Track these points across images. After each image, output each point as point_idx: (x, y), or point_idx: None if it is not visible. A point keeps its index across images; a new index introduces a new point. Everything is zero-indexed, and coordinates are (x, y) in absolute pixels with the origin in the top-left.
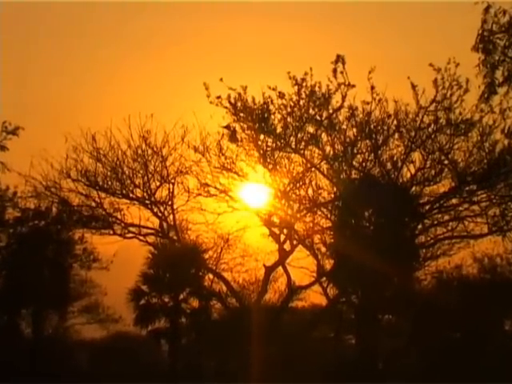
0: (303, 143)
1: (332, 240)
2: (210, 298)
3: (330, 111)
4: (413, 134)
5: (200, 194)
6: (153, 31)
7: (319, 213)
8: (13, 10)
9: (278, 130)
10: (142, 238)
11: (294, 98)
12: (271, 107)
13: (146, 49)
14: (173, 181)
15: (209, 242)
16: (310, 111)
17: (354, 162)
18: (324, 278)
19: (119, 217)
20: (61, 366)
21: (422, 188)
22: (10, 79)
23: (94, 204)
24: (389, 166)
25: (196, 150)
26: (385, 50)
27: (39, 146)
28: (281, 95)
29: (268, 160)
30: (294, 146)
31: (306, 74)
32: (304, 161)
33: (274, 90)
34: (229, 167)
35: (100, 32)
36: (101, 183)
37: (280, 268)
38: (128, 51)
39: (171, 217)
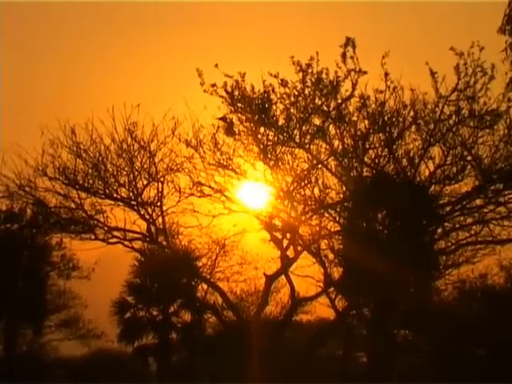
0: (308, 137)
1: (341, 246)
2: (204, 311)
3: (339, 101)
4: (432, 126)
5: (193, 194)
6: (139, 13)
7: (326, 215)
8: None
9: (281, 121)
10: (127, 243)
11: (299, 86)
12: (272, 96)
13: (131, 32)
14: (162, 179)
15: (202, 247)
16: (317, 101)
17: (366, 158)
18: (332, 289)
19: (102, 219)
20: None
21: (442, 187)
22: None
23: (73, 205)
24: (405, 162)
25: (188, 144)
26: (400, 33)
27: (11, 139)
28: (283, 83)
29: (269, 156)
30: (298, 140)
31: (311, 59)
32: (309, 157)
33: (275, 77)
34: (225, 164)
35: (79, 15)
36: (81, 182)
37: (282, 277)
38: (112, 35)
39: (160, 219)
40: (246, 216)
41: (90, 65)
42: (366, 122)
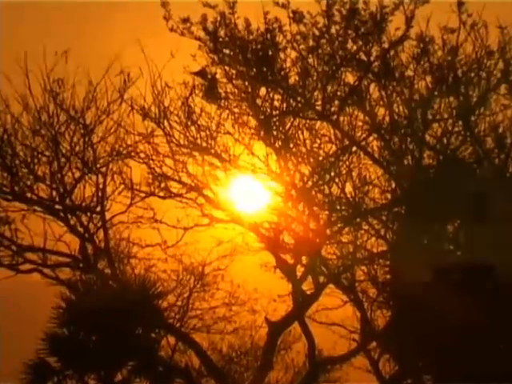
0: (337, 102)
1: (388, 275)
2: (172, 379)
3: (385, 46)
4: None
5: (153, 194)
6: None
7: (366, 227)
8: None
9: (292, 78)
10: (48, 271)
11: (321, 21)
12: (279, 38)
13: None
14: (104, 170)
15: (169, 278)
16: (349, 46)
17: (428, 136)
18: (374, 344)
19: (7, 234)
20: None
21: None
22: None
23: None
24: (489, 142)
25: (146, 114)
26: None
27: None
28: (296, 17)
29: (274, 133)
30: (319, 108)
31: None
32: (338, 134)
33: (283, 7)
34: (204, 145)
35: None
36: None
37: (296, 325)
38: None
39: (101, 234)
40: (237, 228)
41: None
42: (429, 79)
